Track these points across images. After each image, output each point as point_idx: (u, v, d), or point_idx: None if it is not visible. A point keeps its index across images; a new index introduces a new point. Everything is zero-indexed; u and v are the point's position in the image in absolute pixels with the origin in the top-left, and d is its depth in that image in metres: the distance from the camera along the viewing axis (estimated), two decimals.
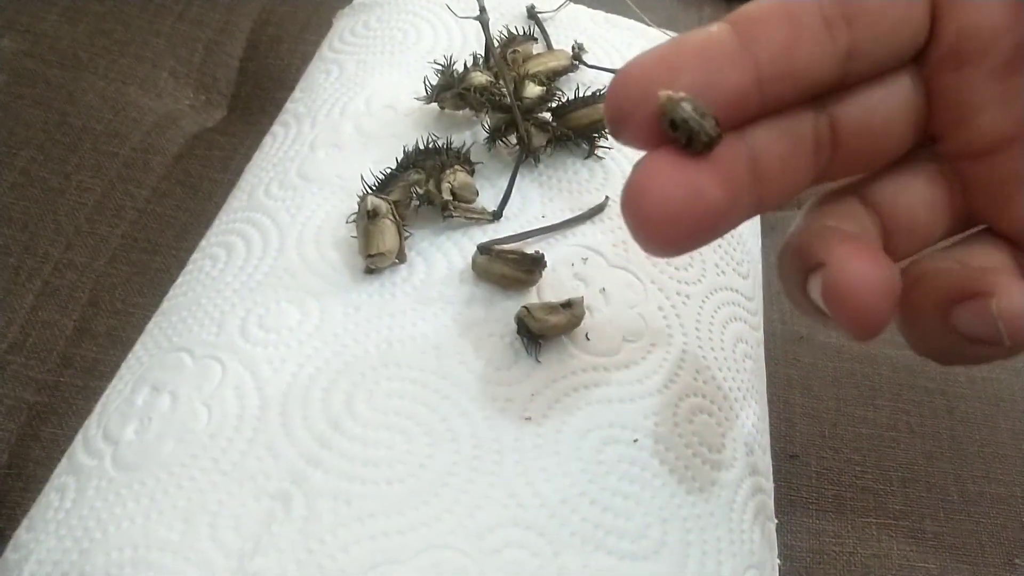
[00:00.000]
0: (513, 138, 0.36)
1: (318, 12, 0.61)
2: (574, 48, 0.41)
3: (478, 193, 0.34)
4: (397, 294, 0.32)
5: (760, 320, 0.38)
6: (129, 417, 0.29)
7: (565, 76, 0.41)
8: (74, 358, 0.42)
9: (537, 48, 0.42)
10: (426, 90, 0.38)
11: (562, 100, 0.37)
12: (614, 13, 0.46)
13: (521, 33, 0.42)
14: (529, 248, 0.33)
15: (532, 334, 0.30)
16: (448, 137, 0.35)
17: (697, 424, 0.31)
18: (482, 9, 0.39)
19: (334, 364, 0.29)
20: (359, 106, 0.39)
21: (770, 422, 0.36)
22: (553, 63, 0.40)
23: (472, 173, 0.35)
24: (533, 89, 0.36)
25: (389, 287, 0.32)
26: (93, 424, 0.30)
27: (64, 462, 0.30)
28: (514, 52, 0.40)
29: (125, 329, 0.43)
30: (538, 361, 0.30)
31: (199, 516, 0.26)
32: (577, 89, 0.38)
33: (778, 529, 0.33)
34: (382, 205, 0.32)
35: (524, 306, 0.30)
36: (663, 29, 0.46)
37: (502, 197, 0.35)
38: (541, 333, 0.30)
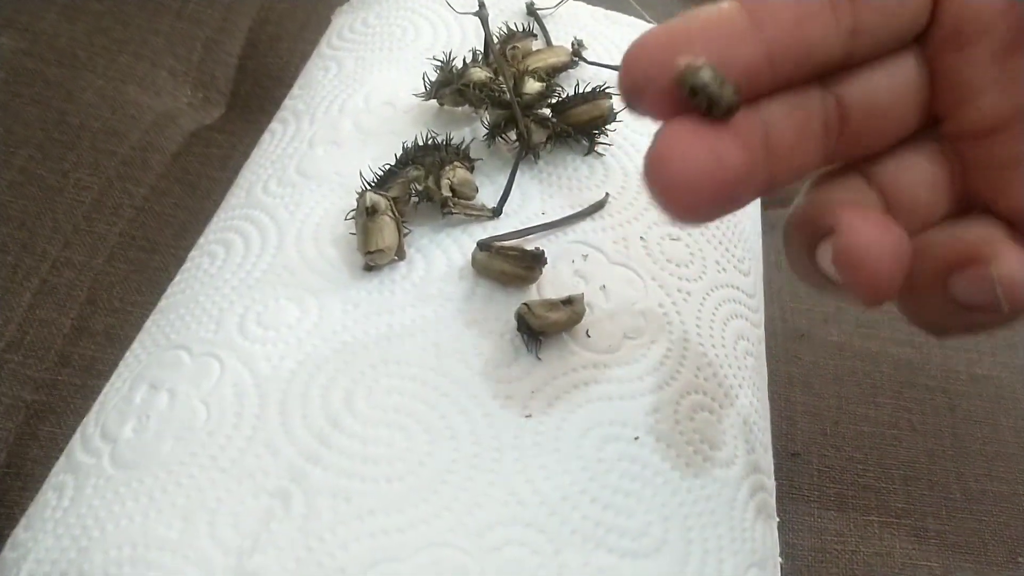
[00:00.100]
0: (513, 134, 0.36)
1: (317, 10, 0.61)
2: (574, 44, 0.41)
3: (478, 190, 0.34)
4: (396, 291, 0.31)
5: (761, 317, 0.38)
6: (127, 415, 0.29)
7: (565, 73, 0.40)
8: (72, 356, 0.42)
9: (536, 45, 0.42)
10: (425, 86, 0.38)
11: (562, 96, 0.37)
12: (613, 10, 0.46)
13: (520, 29, 0.41)
14: (529, 245, 0.33)
15: (532, 331, 0.30)
16: (447, 133, 0.35)
17: (698, 421, 0.31)
18: (481, 4, 0.39)
19: (333, 361, 0.29)
20: (358, 103, 0.39)
21: (771, 420, 0.36)
22: (553, 59, 0.40)
23: (472, 170, 0.35)
24: (533, 85, 0.36)
25: (388, 284, 0.32)
26: (91, 422, 0.30)
27: (62, 460, 0.30)
28: (513, 48, 0.40)
29: (123, 327, 0.43)
30: (538, 358, 0.30)
31: (198, 514, 0.26)
32: (577, 85, 0.38)
33: (780, 527, 0.33)
34: (381, 202, 0.32)
35: (524, 303, 0.30)
36: None
37: (502, 194, 0.34)
38: (541, 330, 0.30)
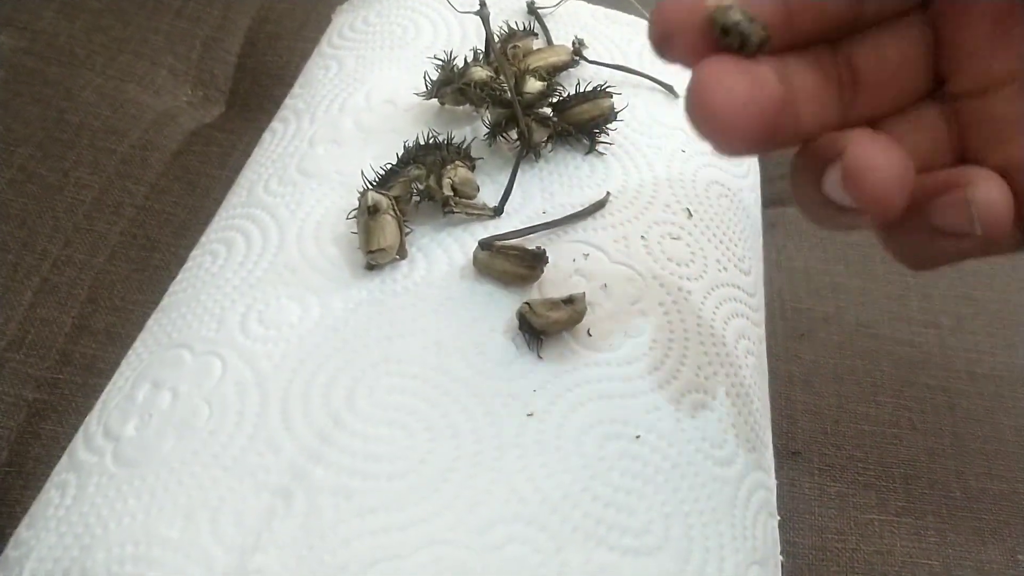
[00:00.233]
0: (514, 134, 0.36)
1: (316, 9, 0.61)
2: (574, 44, 0.41)
3: (479, 189, 0.34)
4: (398, 290, 0.31)
5: (762, 316, 0.38)
6: (130, 414, 0.29)
7: (565, 72, 0.40)
8: (73, 355, 0.42)
9: (537, 44, 0.42)
10: (426, 86, 0.38)
11: (563, 96, 0.37)
12: (614, 9, 0.46)
13: (521, 29, 0.42)
14: (530, 244, 0.33)
15: (534, 330, 0.30)
16: (448, 133, 0.35)
17: (699, 420, 0.31)
18: (482, 3, 0.39)
19: (334, 360, 0.29)
20: (359, 102, 0.39)
21: (772, 419, 0.36)
22: (553, 59, 0.40)
23: (473, 169, 0.35)
24: (534, 84, 0.36)
25: (390, 283, 0.32)
26: (94, 421, 0.30)
27: (65, 459, 0.30)
28: (514, 47, 0.40)
29: (124, 326, 0.43)
30: (540, 357, 0.30)
31: (200, 512, 0.26)
32: (578, 85, 0.38)
33: (780, 526, 0.33)
34: (383, 201, 0.32)
35: (526, 302, 0.30)
36: None
37: (503, 193, 0.34)
38: (543, 329, 0.30)
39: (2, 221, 0.45)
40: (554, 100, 0.37)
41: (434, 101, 0.38)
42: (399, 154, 0.34)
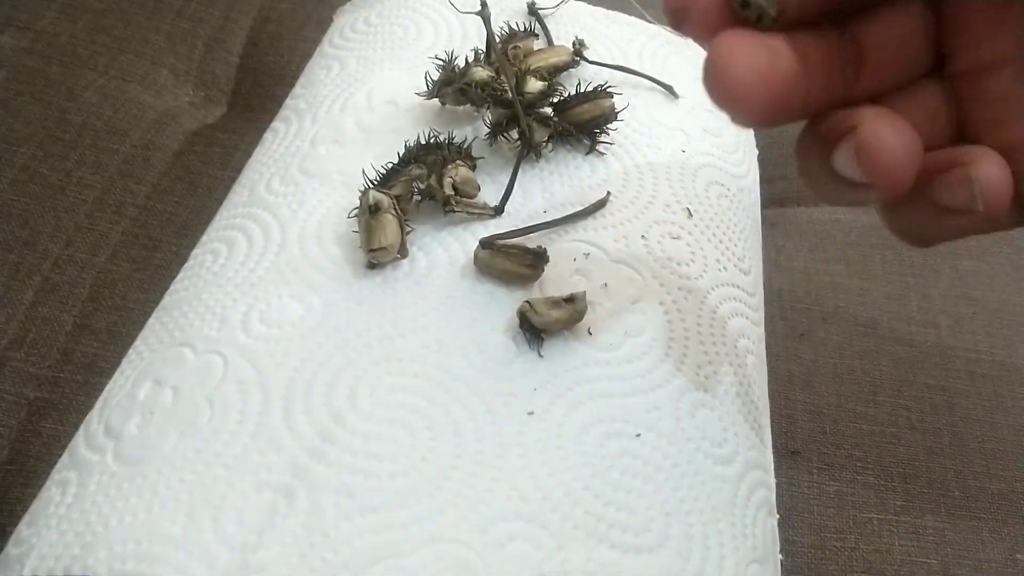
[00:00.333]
0: (514, 133, 0.36)
1: (318, 9, 0.61)
2: (575, 44, 0.41)
3: (480, 188, 0.34)
4: (399, 289, 0.32)
5: (761, 316, 0.38)
6: (131, 412, 0.29)
7: (566, 72, 0.41)
8: (74, 354, 0.42)
9: (538, 44, 0.42)
10: (427, 86, 0.38)
11: (563, 96, 0.37)
12: (614, 9, 0.46)
13: (522, 29, 0.42)
14: (531, 243, 0.33)
15: (534, 329, 0.30)
16: (449, 132, 0.35)
17: (699, 419, 0.31)
18: (483, 4, 0.39)
19: (336, 358, 0.29)
20: (360, 102, 0.39)
21: (771, 418, 0.36)
22: (554, 59, 0.40)
23: (474, 168, 0.35)
24: (535, 84, 0.36)
25: (391, 282, 0.32)
26: (95, 419, 0.30)
27: (66, 457, 0.30)
28: (515, 48, 0.40)
29: (125, 325, 0.43)
30: (540, 356, 0.30)
31: (202, 510, 0.26)
32: (578, 85, 0.38)
33: (780, 524, 0.33)
34: (384, 200, 0.32)
35: (526, 301, 0.30)
36: (663, 25, 0.46)
37: (504, 192, 0.35)
38: (543, 328, 0.30)
39: (4, 220, 0.45)
40: (555, 100, 0.37)
41: (435, 101, 0.38)
42: (400, 154, 0.34)
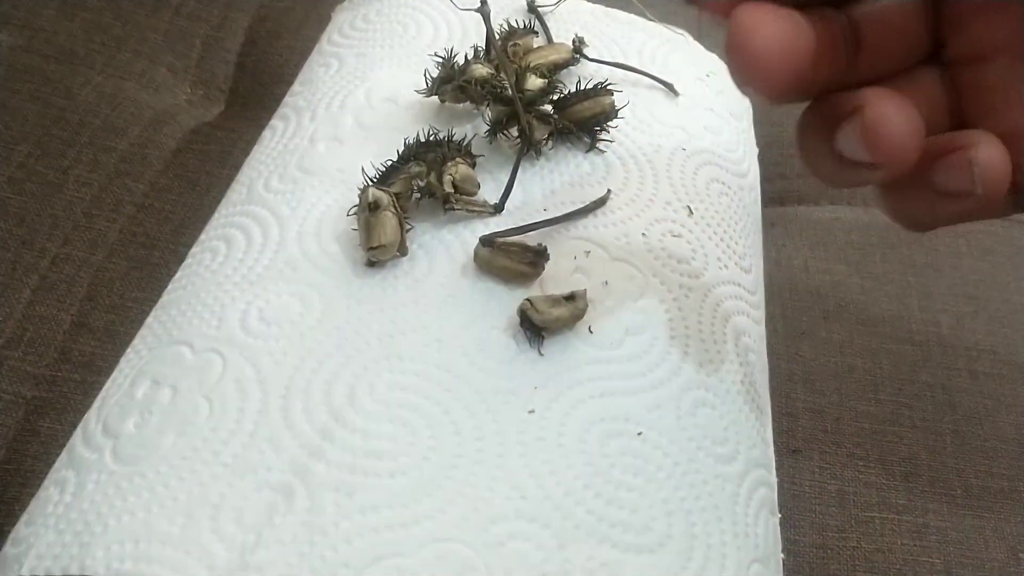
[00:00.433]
0: (514, 131, 0.36)
1: (316, 7, 0.61)
2: (575, 42, 0.41)
3: (479, 186, 0.34)
4: (399, 287, 0.31)
5: (762, 314, 0.38)
6: (129, 411, 0.29)
7: (566, 69, 0.40)
8: (72, 353, 0.42)
9: (538, 42, 0.42)
10: (427, 83, 0.38)
11: (563, 93, 0.37)
12: (614, 7, 0.46)
13: (522, 27, 0.41)
14: (531, 241, 0.33)
15: (535, 327, 0.30)
16: (449, 130, 0.35)
17: (700, 417, 0.31)
18: (483, 1, 0.39)
19: (335, 357, 0.29)
20: (359, 99, 0.39)
21: (773, 417, 0.36)
22: (554, 56, 0.40)
23: (473, 166, 0.35)
24: (535, 81, 0.36)
25: (391, 280, 0.32)
26: (93, 418, 0.30)
27: (63, 456, 0.30)
28: (515, 45, 0.40)
29: (123, 324, 0.43)
30: (541, 354, 0.30)
31: (200, 509, 0.26)
32: (578, 82, 0.38)
33: (781, 524, 0.33)
34: (383, 197, 0.32)
35: (527, 299, 0.30)
36: (663, 23, 0.45)
37: (504, 190, 0.34)
38: (544, 326, 0.30)
39: (1, 219, 0.45)
40: (555, 98, 0.37)
41: (435, 99, 0.38)
42: (400, 151, 0.34)
